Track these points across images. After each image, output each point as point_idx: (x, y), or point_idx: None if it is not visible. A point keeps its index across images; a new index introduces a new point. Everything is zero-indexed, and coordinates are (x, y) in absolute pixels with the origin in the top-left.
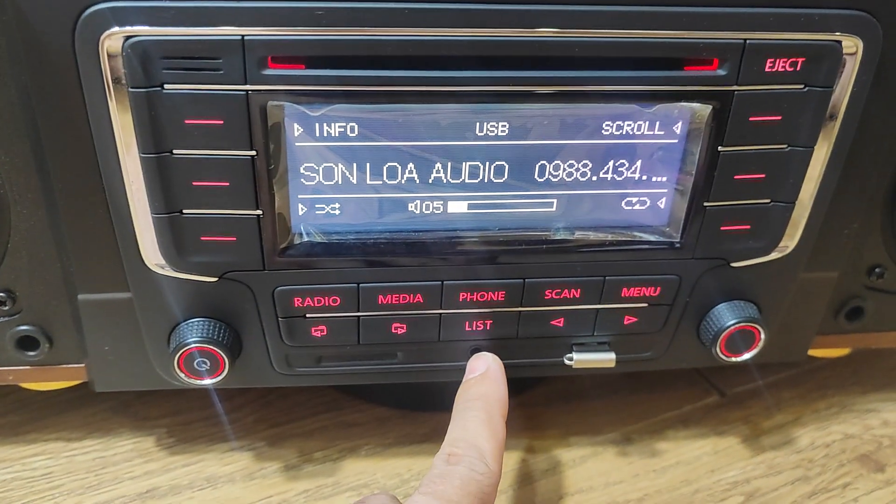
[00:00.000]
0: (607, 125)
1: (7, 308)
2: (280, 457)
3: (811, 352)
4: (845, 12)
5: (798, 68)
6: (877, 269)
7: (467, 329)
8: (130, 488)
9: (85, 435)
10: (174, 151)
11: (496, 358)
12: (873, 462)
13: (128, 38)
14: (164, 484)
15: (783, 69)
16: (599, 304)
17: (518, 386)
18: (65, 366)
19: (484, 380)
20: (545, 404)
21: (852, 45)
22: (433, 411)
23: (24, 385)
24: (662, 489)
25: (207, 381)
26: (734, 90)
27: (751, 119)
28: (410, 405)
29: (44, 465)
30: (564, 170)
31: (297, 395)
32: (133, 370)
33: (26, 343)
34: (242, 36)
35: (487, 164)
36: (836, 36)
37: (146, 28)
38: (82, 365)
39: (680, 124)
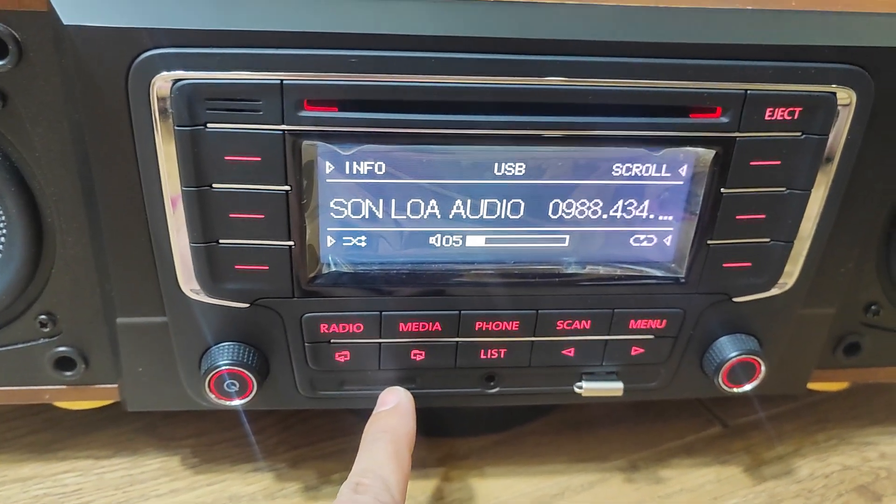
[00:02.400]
0: (617, 167)
1: (47, 330)
2: (300, 478)
3: (811, 385)
4: (840, 66)
5: (796, 117)
6: (872, 307)
7: (482, 357)
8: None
9: (113, 453)
10: (214, 185)
11: (407, 393)
12: (871, 493)
13: (176, 81)
14: (189, 502)
15: (782, 118)
16: (608, 335)
17: (530, 414)
18: (99, 386)
19: (394, 413)
20: (555, 432)
21: (846, 97)
22: (446, 437)
23: (58, 404)
24: None
25: (236, 403)
26: (736, 136)
27: (751, 163)
28: (425, 430)
29: (74, 481)
30: (576, 208)
31: (316, 419)
32: (164, 391)
33: (64, 363)
34: (281, 80)
35: (504, 201)
36: (832, 88)
37: (193, 72)
38: (115, 385)
39: (685, 167)
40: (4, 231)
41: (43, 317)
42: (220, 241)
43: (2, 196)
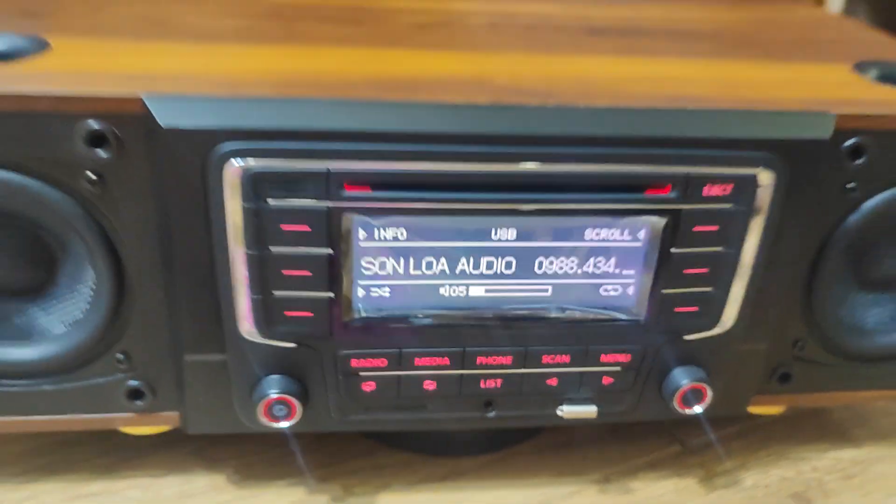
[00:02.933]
0: (588, 232)
1: (123, 367)
2: (328, 490)
3: (753, 409)
4: (759, 154)
5: (728, 192)
6: (799, 343)
7: (482, 386)
8: None
9: (168, 472)
10: (271, 248)
11: None
12: (804, 499)
13: (245, 168)
14: None
15: (717, 193)
16: (584, 367)
17: (519, 437)
18: (163, 413)
19: None
20: (541, 452)
21: (766, 177)
22: (449, 456)
23: (125, 429)
24: None
25: (283, 425)
26: (682, 208)
27: (694, 229)
28: (431, 451)
29: (136, 495)
30: (557, 265)
31: (339, 443)
32: (219, 416)
33: (135, 394)
34: (328, 168)
35: (500, 259)
36: (754, 170)
37: (257, 161)
38: (177, 413)
39: (643, 232)
40: (94, 286)
41: (120, 356)
42: (274, 292)
43: (94, 259)
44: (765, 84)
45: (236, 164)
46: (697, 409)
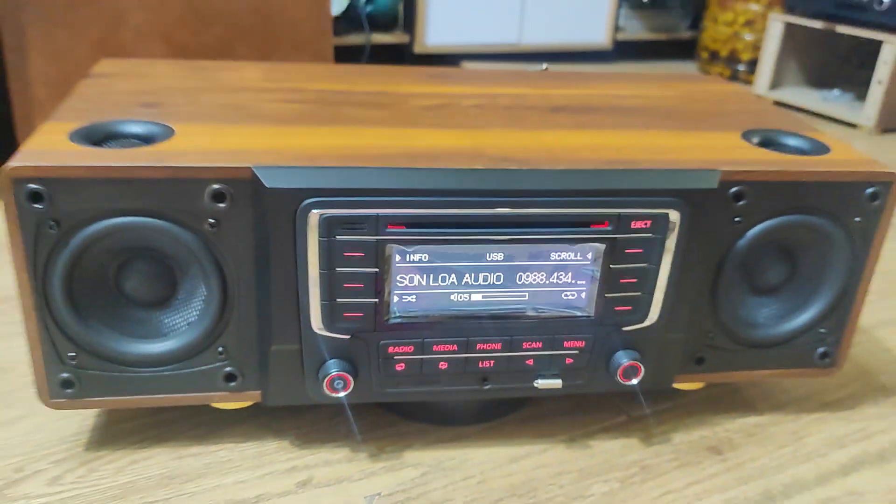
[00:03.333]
0: (553, 255)
1: (223, 356)
2: (366, 450)
3: (678, 385)
4: (669, 199)
5: (648, 225)
6: (709, 334)
7: (480, 366)
8: (278, 467)
9: (246, 440)
10: (336, 269)
11: None
12: (716, 450)
13: (321, 214)
14: (300, 465)
15: (641, 226)
16: (552, 351)
17: (506, 410)
18: (248, 392)
19: None
20: (522, 422)
21: (674, 215)
22: (454, 425)
23: (219, 405)
24: (590, 464)
25: (340, 395)
26: (616, 237)
27: (626, 251)
28: (440, 421)
29: (225, 455)
30: (531, 278)
31: (371, 418)
32: (293, 392)
33: (229, 377)
34: (377, 214)
35: (492, 274)
36: (666, 210)
37: (330, 210)
38: (258, 391)
39: (591, 254)
40: (204, 299)
41: (220, 349)
42: (337, 299)
43: (208, 279)
44: (678, 149)
45: (315, 212)
46: (634, 381)
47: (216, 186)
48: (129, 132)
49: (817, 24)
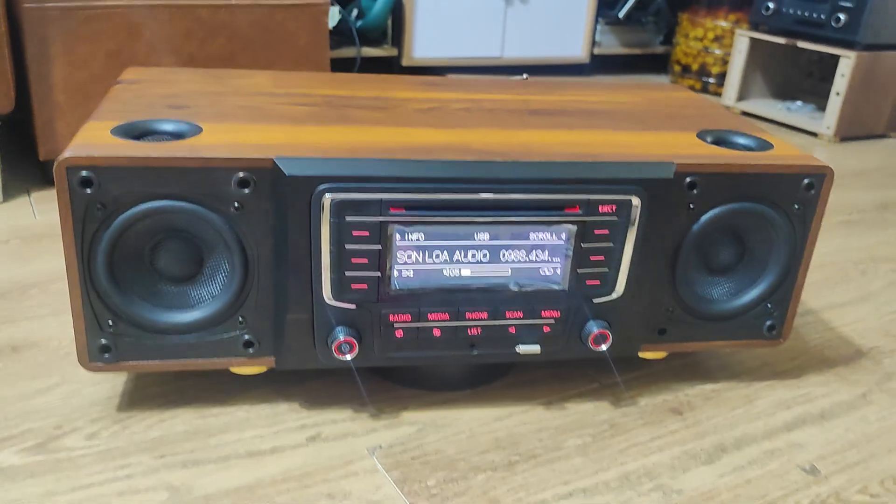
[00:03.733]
0: (531, 235)
1: (242, 326)
2: (367, 411)
3: (644, 355)
4: (632, 187)
5: (614, 210)
6: (669, 309)
7: (469, 333)
8: (290, 425)
9: (260, 402)
10: (345, 246)
11: None
12: (677, 411)
13: (332, 198)
14: (310, 423)
15: (607, 210)
16: (532, 320)
17: (491, 377)
18: (264, 357)
19: None
20: (506, 387)
21: (637, 201)
22: (445, 390)
23: (236, 370)
24: (566, 422)
25: (347, 357)
26: (586, 220)
27: (595, 232)
28: (432, 387)
29: (243, 415)
30: (513, 255)
31: (370, 385)
32: (303, 357)
33: (248, 344)
34: (381, 198)
35: (479, 252)
36: (629, 197)
37: (341, 194)
38: (273, 357)
39: (564, 234)
40: (227, 274)
41: (240, 318)
42: (346, 272)
43: (232, 257)
44: (639, 145)
45: (328, 196)
46: (604, 347)
47: (242, 174)
48: (162, 129)
49: (780, 40)
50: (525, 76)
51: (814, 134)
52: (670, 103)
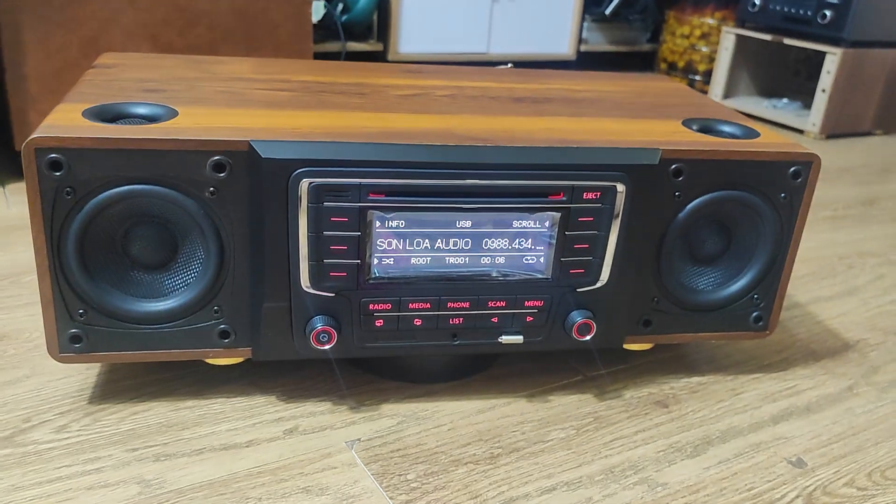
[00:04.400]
0: (514, 222)
1: (218, 314)
2: (347, 404)
3: (628, 346)
4: (617, 173)
5: (598, 196)
6: (655, 299)
7: (451, 322)
8: (266, 418)
9: (238, 394)
10: (323, 232)
11: None
12: (662, 404)
13: (310, 183)
14: (287, 416)
15: (592, 197)
16: (514, 309)
17: (473, 369)
18: (240, 348)
19: None
20: (487, 380)
21: (622, 187)
22: (425, 382)
23: (212, 361)
24: (549, 415)
25: (325, 348)
26: (570, 206)
27: (579, 219)
28: (413, 379)
29: (218, 408)
30: (496, 243)
31: (350, 377)
32: (281, 347)
33: (223, 334)
34: (360, 183)
35: (461, 239)
36: (613, 183)
37: (319, 179)
38: (249, 348)
39: (548, 222)
40: (202, 262)
41: (216, 308)
42: (324, 260)
43: (207, 243)
44: (625, 132)
45: (305, 181)
46: (587, 337)
47: (217, 158)
48: (136, 113)
49: (767, 37)
50: (510, 65)
51: (800, 131)
52: (656, 93)
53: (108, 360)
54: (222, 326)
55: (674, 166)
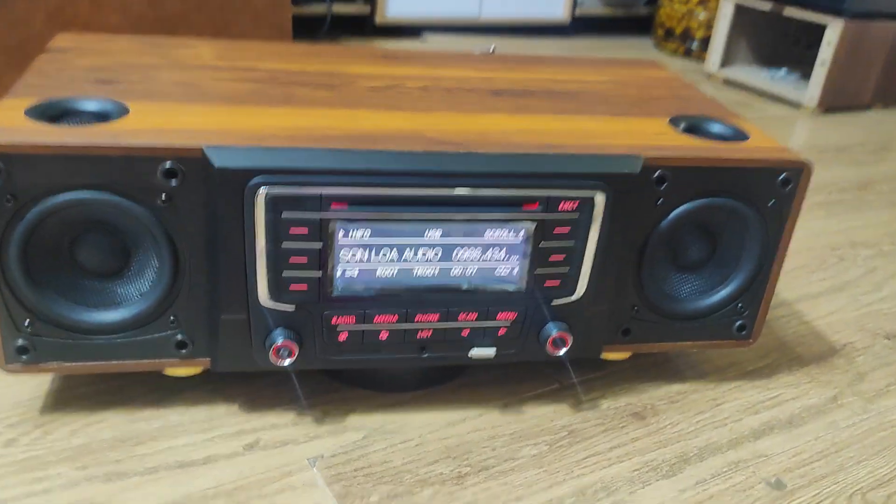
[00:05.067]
0: (486, 232)
1: (174, 324)
2: (311, 414)
3: (606, 356)
4: (595, 182)
5: (576, 207)
6: (635, 307)
7: (419, 336)
8: (227, 430)
9: (196, 404)
10: (282, 244)
11: None
12: (640, 416)
13: (267, 192)
14: (248, 429)
15: (569, 208)
16: (486, 322)
17: (442, 379)
18: (198, 359)
19: None
20: (456, 390)
21: (600, 197)
22: (393, 392)
23: (169, 371)
24: (522, 428)
25: (287, 363)
26: (545, 217)
27: (554, 231)
28: (380, 388)
29: (177, 419)
30: (467, 254)
31: (314, 385)
32: (241, 359)
33: (181, 345)
34: (321, 193)
35: (430, 250)
36: (592, 193)
37: (278, 188)
38: (208, 358)
39: (522, 232)
40: (157, 269)
41: (172, 317)
42: (283, 273)
43: (160, 252)
44: (606, 134)
45: (262, 190)
46: (562, 351)
47: (168, 164)
48: (85, 109)
49: (766, 6)
50: (493, 49)
51: (797, 105)
52: (643, 84)
53: (57, 372)
54: (179, 337)
55: (657, 173)
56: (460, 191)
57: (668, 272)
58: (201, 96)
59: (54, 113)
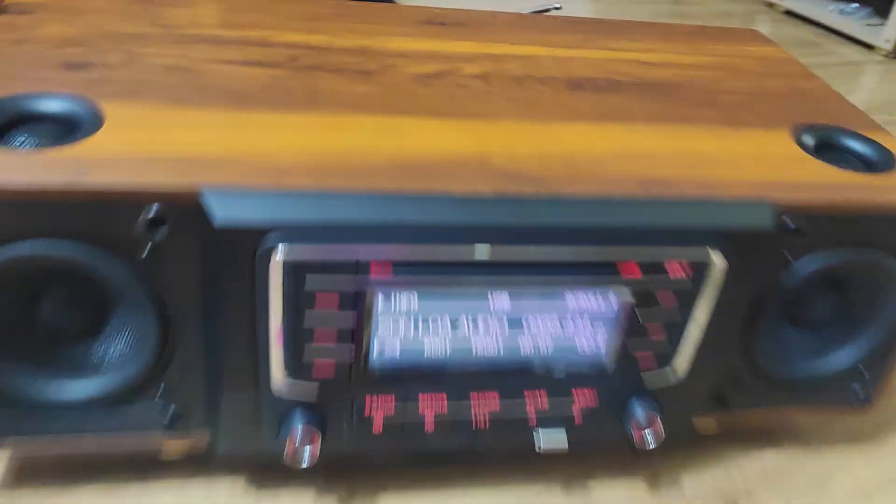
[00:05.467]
0: (569, 298)
1: (164, 398)
2: (334, 491)
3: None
4: (711, 238)
5: (685, 269)
6: (735, 371)
7: (473, 426)
8: None
9: (193, 476)
10: (305, 315)
11: None
12: (730, 496)
13: (287, 256)
14: None
15: (678, 271)
16: (560, 409)
17: None
18: (195, 435)
19: None
20: (510, 460)
21: (718, 259)
22: (433, 467)
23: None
24: None
25: (305, 456)
26: (645, 282)
27: (656, 299)
28: (418, 462)
29: (168, 499)
30: (541, 324)
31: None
32: (248, 442)
33: (174, 420)
34: (357, 258)
35: (495, 320)
36: (708, 253)
37: (300, 250)
38: (207, 436)
39: (614, 300)
40: (142, 330)
41: (161, 388)
42: (305, 348)
43: (145, 311)
44: (724, 161)
45: (280, 253)
46: (652, 444)
47: (153, 211)
48: (46, 112)
49: None
50: (558, 6)
51: (870, 46)
52: (748, 69)
53: (19, 451)
54: (170, 410)
55: (790, 224)
56: (538, 249)
57: (780, 331)
58: (199, 92)
59: (4, 119)
